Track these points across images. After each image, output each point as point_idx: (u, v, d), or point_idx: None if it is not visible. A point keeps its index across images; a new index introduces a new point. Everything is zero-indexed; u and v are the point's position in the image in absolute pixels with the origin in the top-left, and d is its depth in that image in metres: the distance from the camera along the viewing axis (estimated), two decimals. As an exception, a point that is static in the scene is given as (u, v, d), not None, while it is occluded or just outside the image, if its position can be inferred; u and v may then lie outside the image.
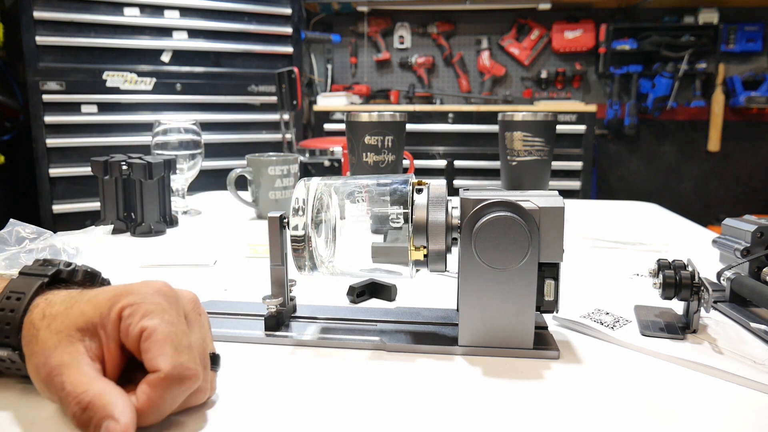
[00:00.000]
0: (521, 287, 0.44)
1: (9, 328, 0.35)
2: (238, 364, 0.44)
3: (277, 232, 0.48)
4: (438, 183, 0.47)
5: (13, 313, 0.35)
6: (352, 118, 0.87)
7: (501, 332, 0.45)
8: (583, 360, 0.46)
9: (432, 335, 0.48)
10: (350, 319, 0.51)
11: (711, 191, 3.72)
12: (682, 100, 3.56)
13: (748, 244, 0.56)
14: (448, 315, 0.52)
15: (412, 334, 0.48)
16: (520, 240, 0.43)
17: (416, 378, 0.42)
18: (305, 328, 0.49)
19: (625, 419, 0.37)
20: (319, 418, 0.37)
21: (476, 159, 3.14)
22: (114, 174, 0.90)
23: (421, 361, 0.45)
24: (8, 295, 0.36)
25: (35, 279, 0.37)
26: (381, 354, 0.46)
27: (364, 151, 0.86)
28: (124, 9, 2.61)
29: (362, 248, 0.46)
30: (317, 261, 0.47)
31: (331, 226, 0.47)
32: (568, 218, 1.05)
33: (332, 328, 0.50)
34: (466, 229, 0.44)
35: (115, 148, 2.54)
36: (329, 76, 3.78)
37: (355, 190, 0.47)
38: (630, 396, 0.40)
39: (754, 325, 0.50)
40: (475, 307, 0.45)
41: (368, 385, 0.41)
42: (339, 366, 0.44)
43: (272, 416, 0.37)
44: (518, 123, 0.93)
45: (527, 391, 0.40)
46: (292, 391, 0.40)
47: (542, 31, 3.63)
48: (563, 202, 0.45)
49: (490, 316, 0.45)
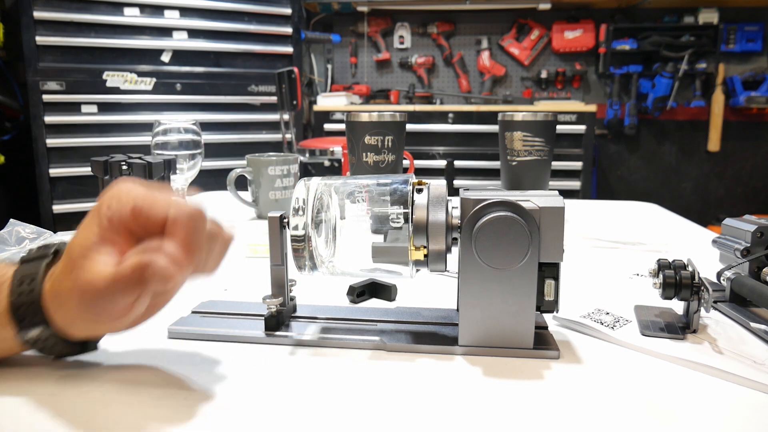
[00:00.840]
0: (521, 287, 0.44)
1: (33, 308, 0.38)
2: (238, 364, 0.44)
3: (278, 232, 0.48)
4: (438, 183, 0.47)
5: (31, 295, 0.38)
6: (352, 118, 0.87)
7: (501, 332, 0.45)
8: (583, 360, 0.46)
9: (432, 335, 0.48)
10: (350, 319, 0.51)
11: (711, 191, 3.72)
12: (682, 100, 3.56)
13: (748, 244, 0.56)
14: (449, 315, 0.52)
15: (412, 333, 0.48)
16: (521, 240, 0.43)
17: (416, 378, 0.42)
18: (305, 328, 0.49)
19: (626, 419, 0.37)
20: (318, 418, 0.37)
21: (476, 159, 3.14)
22: (114, 174, 0.90)
23: (421, 361, 0.45)
24: (21, 281, 0.38)
25: (40, 261, 0.39)
26: (381, 354, 0.46)
27: (364, 151, 0.86)
28: (124, 9, 2.61)
29: (362, 248, 0.46)
30: (317, 261, 0.47)
31: (332, 226, 0.47)
32: (568, 218, 1.05)
33: (332, 328, 0.50)
34: (466, 229, 0.44)
35: (115, 148, 2.54)
36: (329, 76, 3.78)
37: (355, 190, 0.47)
38: (630, 396, 0.40)
39: (754, 325, 0.50)
40: (475, 307, 0.45)
41: (368, 385, 0.41)
42: (339, 366, 0.44)
43: (271, 416, 0.37)
44: (518, 123, 0.93)
45: (527, 391, 0.40)
46: (292, 390, 0.40)
47: (542, 31, 3.63)
48: (563, 201, 0.45)
49: (490, 316, 0.45)
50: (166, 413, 0.37)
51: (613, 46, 3.45)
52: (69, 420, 0.36)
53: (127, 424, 0.36)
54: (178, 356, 0.45)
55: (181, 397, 0.39)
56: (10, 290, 0.38)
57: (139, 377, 0.42)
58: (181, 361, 0.45)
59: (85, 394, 0.39)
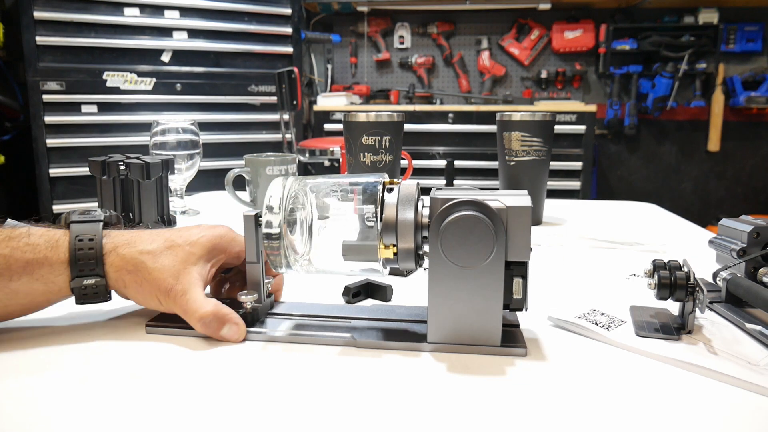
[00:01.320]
0: (488, 285, 0.45)
1: (94, 263, 0.46)
2: (211, 358, 0.45)
3: (253, 231, 0.49)
4: (409, 183, 0.47)
5: (93, 251, 0.46)
6: (349, 119, 0.87)
7: (469, 329, 0.46)
8: (548, 357, 0.46)
9: (402, 332, 0.49)
10: (324, 316, 0.52)
11: (711, 191, 3.72)
12: (682, 100, 3.56)
13: (744, 245, 0.56)
14: (421, 312, 0.53)
15: (383, 330, 0.49)
16: (486, 238, 0.43)
17: (383, 374, 0.43)
18: (279, 324, 0.50)
19: (625, 419, 0.37)
20: (286, 412, 0.37)
21: (476, 159, 3.14)
22: (112, 174, 0.90)
23: (389, 357, 0.45)
24: (79, 238, 0.47)
25: (95, 223, 0.48)
26: (351, 350, 0.47)
27: (361, 151, 0.87)
28: (124, 9, 2.61)
29: (337, 246, 0.47)
30: (291, 259, 0.48)
31: (307, 224, 0.47)
32: (568, 218, 1.05)
33: (305, 325, 0.50)
34: (433, 228, 0.45)
35: (115, 148, 2.54)
36: (329, 76, 3.78)
37: (329, 189, 0.48)
38: (624, 396, 0.40)
39: (750, 325, 0.50)
40: (444, 305, 0.46)
41: (335, 380, 0.42)
42: (308, 361, 0.45)
43: (241, 409, 0.37)
44: (516, 123, 0.93)
45: (490, 387, 0.41)
46: (262, 385, 0.41)
47: (542, 31, 3.63)
48: (530, 201, 0.45)
49: (458, 313, 0.46)
50: (136, 407, 0.37)
51: (613, 46, 3.45)
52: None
53: (89, 418, 0.36)
54: (154, 350, 0.46)
55: (154, 390, 0.39)
56: (69, 245, 0.46)
57: (118, 370, 0.42)
58: (156, 354, 0.45)
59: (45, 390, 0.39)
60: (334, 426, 0.36)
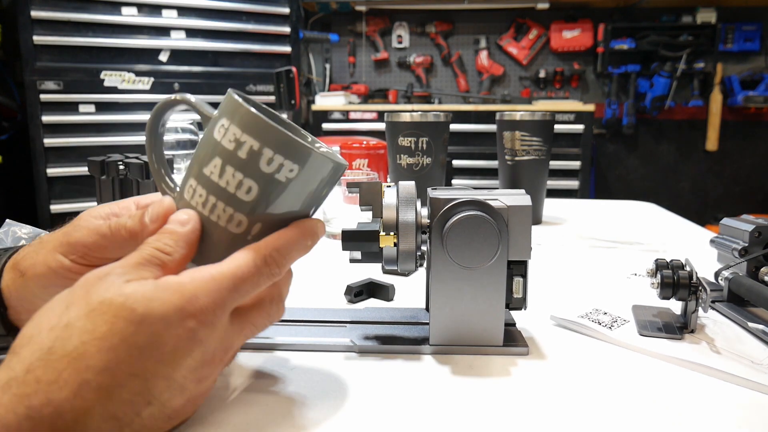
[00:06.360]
0: (491, 285, 0.45)
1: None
2: None
3: None
4: (407, 183, 0.47)
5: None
6: (391, 119, 0.85)
7: (471, 330, 0.46)
8: (549, 356, 0.46)
9: (403, 335, 0.48)
10: (321, 321, 0.51)
11: (709, 191, 3.73)
12: (680, 99, 3.56)
13: (746, 244, 0.56)
14: (417, 314, 0.52)
15: (383, 334, 0.49)
16: (490, 238, 0.43)
17: (386, 379, 0.42)
18: (276, 331, 0.49)
19: (629, 418, 0.37)
20: (287, 421, 0.36)
21: (474, 159, 3.14)
22: (111, 174, 0.90)
23: (392, 362, 0.45)
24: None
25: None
26: (351, 356, 0.46)
27: (398, 153, 0.83)
28: (122, 8, 2.61)
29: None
30: None
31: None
32: (567, 218, 1.05)
33: (303, 331, 0.49)
34: (436, 229, 0.44)
35: (113, 147, 2.53)
36: (327, 75, 3.78)
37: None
38: (628, 396, 0.40)
39: (752, 324, 0.50)
40: (446, 306, 0.45)
41: (338, 387, 0.41)
42: (309, 368, 0.44)
43: (242, 420, 0.37)
44: (516, 122, 0.93)
45: (495, 387, 0.41)
46: (260, 394, 0.40)
47: (540, 30, 3.63)
48: (530, 200, 0.45)
49: (460, 314, 0.45)
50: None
51: (611, 45, 3.45)
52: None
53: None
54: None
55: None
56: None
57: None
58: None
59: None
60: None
